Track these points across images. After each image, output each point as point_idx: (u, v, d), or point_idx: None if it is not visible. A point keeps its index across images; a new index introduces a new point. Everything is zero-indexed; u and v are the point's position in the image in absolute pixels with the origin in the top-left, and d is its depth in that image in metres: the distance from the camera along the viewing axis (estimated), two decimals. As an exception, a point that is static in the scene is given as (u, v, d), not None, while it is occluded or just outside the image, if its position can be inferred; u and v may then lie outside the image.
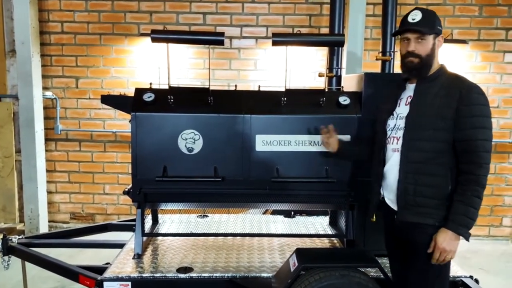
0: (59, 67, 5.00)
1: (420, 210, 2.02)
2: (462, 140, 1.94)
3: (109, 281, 2.55)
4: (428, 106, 2.00)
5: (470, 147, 1.92)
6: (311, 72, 4.84)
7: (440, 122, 1.96)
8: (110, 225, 3.71)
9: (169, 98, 2.76)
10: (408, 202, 2.04)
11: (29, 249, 3.05)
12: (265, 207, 3.52)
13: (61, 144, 5.10)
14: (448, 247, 1.94)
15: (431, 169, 2.00)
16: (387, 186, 2.18)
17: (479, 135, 1.91)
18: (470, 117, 1.92)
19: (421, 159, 2.00)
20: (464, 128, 1.93)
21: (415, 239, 2.06)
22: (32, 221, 4.89)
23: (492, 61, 4.88)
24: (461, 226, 1.93)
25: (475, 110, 1.92)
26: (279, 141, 2.82)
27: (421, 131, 2.01)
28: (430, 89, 2.03)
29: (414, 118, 2.03)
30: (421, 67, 2.05)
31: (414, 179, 2.02)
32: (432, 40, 2.04)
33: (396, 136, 2.11)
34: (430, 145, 1.99)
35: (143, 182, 2.78)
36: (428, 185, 2.00)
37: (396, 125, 2.12)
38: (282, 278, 2.46)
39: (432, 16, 2.06)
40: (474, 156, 1.92)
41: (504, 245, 4.98)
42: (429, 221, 2.01)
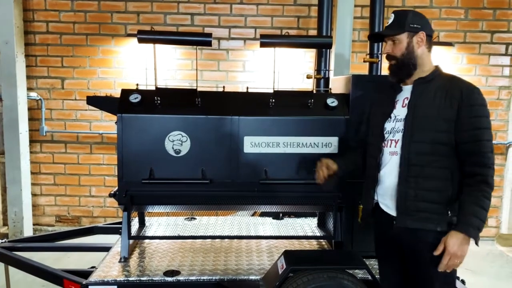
0: (44, 68, 4.92)
1: (421, 215, 1.94)
2: (466, 141, 1.88)
3: (94, 285, 2.51)
4: (428, 107, 1.94)
5: (476, 148, 1.86)
6: (299, 73, 4.85)
7: (442, 123, 1.90)
8: (96, 228, 3.66)
9: (156, 100, 2.73)
10: (408, 207, 1.95)
11: (12, 253, 2.98)
12: (253, 209, 3.50)
13: (46, 145, 5.02)
14: (460, 252, 1.83)
15: (432, 172, 1.93)
16: (382, 190, 2.09)
17: (483, 136, 1.86)
18: (473, 118, 1.87)
19: (422, 162, 1.93)
20: (468, 129, 1.87)
21: (415, 246, 1.98)
22: (16, 224, 4.80)
23: (478, 63, 4.95)
24: (472, 228, 1.82)
25: (477, 110, 1.87)
26: (267, 142, 2.81)
27: (421, 133, 1.94)
28: (428, 89, 1.97)
29: (414, 119, 1.96)
30: (399, 67, 2.03)
31: (415, 183, 1.94)
32: (406, 39, 1.99)
33: (394, 139, 2.04)
34: (432, 147, 1.92)
35: (130, 185, 2.74)
36: (429, 189, 1.93)
37: (394, 128, 2.04)
38: (270, 280, 2.45)
39: (403, 16, 2.01)
40: (480, 157, 1.86)
41: (489, 245, 5.04)
42: (430, 226, 1.92)
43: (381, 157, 2.10)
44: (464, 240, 1.83)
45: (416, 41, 2.01)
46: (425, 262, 1.96)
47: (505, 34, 4.93)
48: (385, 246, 2.21)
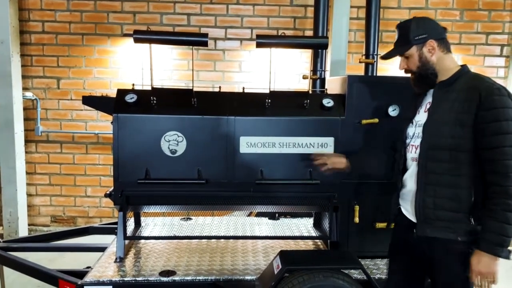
0: (40, 68, 4.90)
1: (440, 224, 1.88)
2: (485, 148, 1.77)
3: (89, 285, 2.51)
4: (446, 113, 1.86)
5: (494, 156, 1.75)
6: (295, 74, 4.86)
7: (459, 129, 1.81)
8: (92, 228, 3.65)
9: (152, 100, 2.72)
10: (427, 215, 1.90)
11: (7, 253, 2.97)
12: (249, 209, 3.51)
13: (41, 145, 5.00)
14: (485, 270, 1.75)
15: (452, 180, 1.85)
16: (404, 195, 2.06)
17: (503, 142, 1.73)
18: (492, 122, 1.74)
19: (441, 170, 1.86)
20: (486, 134, 1.76)
21: (434, 254, 1.92)
22: (11, 224, 4.78)
23: (473, 64, 4.96)
24: (495, 246, 1.74)
25: (497, 114, 1.74)
26: (263, 143, 2.81)
27: (439, 139, 1.86)
28: (449, 93, 1.89)
29: (432, 125, 1.90)
30: (420, 79, 1.99)
31: (433, 191, 1.88)
32: (416, 52, 1.95)
33: (414, 144, 2.00)
34: (450, 154, 1.84)
35: (125, 185, 2.74)
36: (449, 197, 1.85)
37: (415, 133, 2.00)
38: (265, 280, 2.45)
39: (406, 29, 1.97)
40: (499, 166, 1.74)
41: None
42: (450, 236, 1.85)
43: (404, 162, 2.08)
44: (488, 258, 1.75)
45: (427, 51, 1.94)
46: (444, 271, 1.91)
47: (500, 35, 4.96)
48: (402, 250, 2.14)
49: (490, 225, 1.76)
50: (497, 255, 1.74)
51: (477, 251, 1.78)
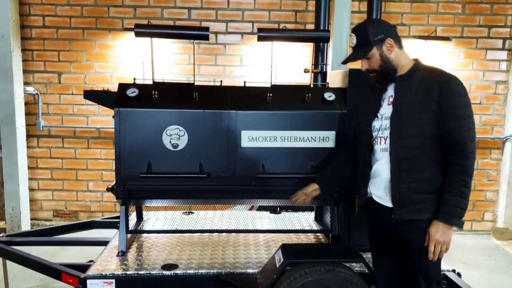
0: (41, 62, 4.90)
1: (415, 207, 2.02)
2: (447, 132, 1.96)
3: (92, 279, 2.52)
4: (411, 103, 2.02)
5: (455, 139, 1.95)
6: (297, 68, 4.85)
7: (424, 117, 1.98)
8: (94, 222, 3.66)
9: (153, 94, 2.72)
10: (403, 200, 2.04)
11: (10, 247, 2.98)
12: (251, 203, 3.51)
13: (43, 140, 5.01)
14: (442, 238, 1.96)
15: (422, 164, 2.01)
16: (376, 184, 2.17)
17: (462, 126, 1.95)
18: (452, 109, 1.95)
19: (411, 156, 2.01)
20: (448, 120, 1.96)
21: (410, 235, 2.06)
22: (14, 219, 4.80)
23: (475, 58, 4.95)
24: (452, 217, 1.96)
25: (455, 102, 1.96)
26: (265, 137, 2.81)
27: (407, 128, 2.02)
28: (410, 86, 2.05)
29: (399, 116, 2.04)
30: (382, 76, 2.10)
31: (406, 176, 2.02)
32: (376, 52, 2.06)
33: (383, 136, 2.12)
34: (418, 141, 2.00)
35: (127, 179, 2.74)
36: (421, 181, 2.02)
37: (382, 126, 2.13)
38: (267, 274, 2.46)
39: (364, 33, 2.08)
40: (459, 147, 1.95)
41: (485, 239, 5.07)
42: (425, 215, 2.02)
43: (372, 155, 2.19)
44: (445, 228, 1.97)
45: (386, 49, 2.07)
46: (418, 249, 2.04)
47: (502, 28, 4.93)
48: (379, 237, 2.29)
49: (448, 198, 1.96)
50: (453, 225, 1.97)
51: (435, 221, 1.98)
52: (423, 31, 4.81)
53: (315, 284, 2.28)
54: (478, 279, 3.73)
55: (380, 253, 2.34)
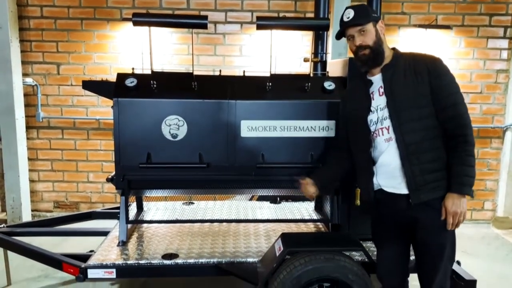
0: (39, 53, 4.87)
1: (430, 186, 2.05)
2: (444, 108, 2.03)
3: (93, 268, 2.53)
4: (403, 88, 2.06)
5: (452, 113, 2.02)
6: (296, 58, 4.81)
7: (420, 99, 2.04)
8: (94, 213, 3.68)
9: (152, 83, 2.71)
10: (418, 183, 2.05)
11: (11, 238, 3.00)
12: (250, 193, 3.52)
13: (43, 132, 5.00)
14: (459, 209, 2.01)
15: (428, 144, 2.05)
16: (385, 175, 2.14)
17: (456, 100, 2.03)
18: (444, 87, 2.03)
19: (417, 139, 2.04)
20: (442, 97, 2.02)
21: (428, 216, 2.08)
22: (15, 210, 4.81)
23: (476, 46, 4.92)
24: (464, 187, 2.01)
25: (445, 79, 2.04)
26: (264, 126, 2.80)
27: (406, 112, 2.05)
28: (397, 73, 2.09)
29: (395, 103, 2.07)
30: (374, 55, 2.11)
31: (417, 159, 2.05)
32: (373, 28, 2.10)
33: (383, 126, 2.12)
34: (420, 123, 2.04)
35: (127, 169, 2.75)
36: (430, 160, 2.05)
37: (380, 117, 2.12)
38: (267, 262, 2.47)
39: (363, 8, 2.14)
40: (458, 120, 2.02)
41: (485, 228, 5.08)
42: (439, 193, 2.06)
43: (375, 148, 2.17)
44: (459, 198, 2.02)
45: (380, 29, 2.13)
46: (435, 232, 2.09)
47: (503, 16, 4.89)
48: (386, 228, 2.27)
49: (458, 169, 2.02)
50: (466, 194, 2.02)
51: (449, 194, 2.03)
52: (423, 20, 4.77)
53: (315, 273, 2.29)
54: (478, 268, 3.74)
55: (385, 244, 2.33)
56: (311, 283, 2.36)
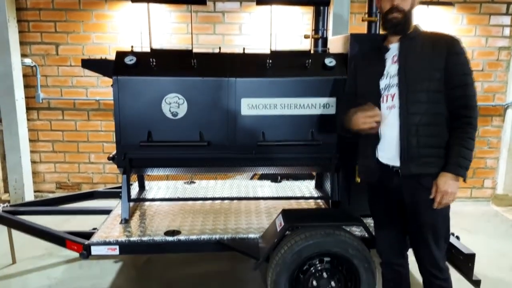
0: (37, 33, 4.83)
1: (423, 161, 2.05)
2: (454, 86, 2.02)
3: (96, 246, 2.56)
4: (419, 59, 2.06)
5: (462, 92, 2.01)
6: (297, 36, 4.77)
7: (434, 72, 2.02)
8: (96, 192, 3.71)
9: (151, 61, 2.69)
10: (412, 154, 2.05)
11: (15, 216, 3.02)
12: (251, 171, 3.53)
13: (43, 113, 4.99)
14: (450, 189, 2.01)
15: (431, 119, 2.04)
16: (384, 145, 2.15)
17: (468, 81, 2.03)
18: (459, 65, 2.02)
19: (421, 111, 2.04)
20: (456, 75, 2.01)
21: (417, 191, 2.09)
22: (17, 191, 4.84)
23: (478, 23, 4.86)
24: (460, 168, 2.01)
25: (462, 59, 2.03)
26: (265, 104, 2.79)
27: (416, 83, 2.04)
28: (414, 44, 2.09)
29: (408, 71, 2.06)
30: (404, 22, 2.10)
31: (416, 130, 2.04)
32: None
33: (389, 93, 2.11)
34: (427, 95, 2.03)
35: (128, 147, 2.75)
36: (430, 135, 2.04)
37: (389, 84, 2.12)
38: (268, 238, 2.50)
39: None
40: (467, 100, 2.02)
41: (485, 206, 5.12)
42: (431, 170, 2.05)
43: None
44: (453, 179, 2.02)
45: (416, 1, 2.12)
46: (426, 205, 2.08)
47: (506, -7, 4.83)
48: (382, 203, 2.29)
49: (457, 150, 2.01)
50: (460, 176, 2.02)
51: (443, 173, 2.03)
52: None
53: (316, 247, 2.32)
54: (477, 244, 3.77)
55: (382, 220, 2.35)
56: (311, 258, 2.40)
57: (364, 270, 2.39)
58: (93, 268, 3.33)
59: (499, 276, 3.30)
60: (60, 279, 3.18)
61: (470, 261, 2.48)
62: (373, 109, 2.10)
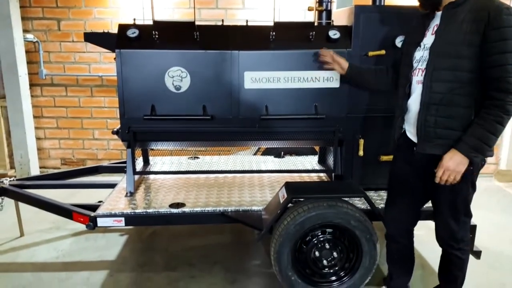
0: (39, 8, 4.78)
1: (440, 142, 1.97)
2: (491, 66, 1.82)
3: (102, 217, 2.60)
4: (454, 33, 1.89)
5: (499, 73, 1.80)
6: (300, 10, 4.70)
7: (466, 49, 1.85)
8: (101, 167, 3.74)
9: (154, 34, 2.67)
10: (428, 133, 1.99)
11: (22, 190, 3.07)
12: (254, 145, 3.54)
13: (46, 89, 4.99)
14: (452, 166, 1.90)
15: (455, 99, 1.91)
16: (409, 119, 2.14)
17: (508, 60, 1.78)
18: (499, 41, 1.78)
19: (445, 90, 1.92)
20: (494, 53, 1.80)
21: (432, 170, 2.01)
22: (23, 166, 4.89)
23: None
24: (472, 150, 1.87)
25: (504, 33, 1.78)
26: (268, 78, 2.78)
27: (445, 60, 1.91)
28: (457, 14, 1.90)
29: (439, 47, 1.94)
30: None
31: (436, 110, 1.95)
32: None
33: (421, 67, 2.03)
34: (454, 74, 1.90)
35: (132, 121, 2.76)
36: (451, 116, 1.93)
37: (423, 57, 2.02)
38: (271, 210, 2.53)
39: None
40: (502, 82, 1.80)
41: (488, 182, 5.13)
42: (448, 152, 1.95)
43: (409, 87, 2.12)
44: (459, 157, 1.90)
45: None
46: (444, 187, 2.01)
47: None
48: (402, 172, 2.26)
49: (476, 130, 1.86)
50: (469, 158, 1.88)
51: (453, 149, 1.91)
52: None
53: (318, 219, 2.35)
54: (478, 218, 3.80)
55: (396, 191, 2.35)
56: (314, 229, 2.43)
57: (366, 241, 2.42)
58: (99, 241, 3.40)
59: (500, 248, 3.34)
60: (67, 250, 3.25)
61: (471, 232, 2.50)
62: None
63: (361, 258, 2.46)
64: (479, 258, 2.65)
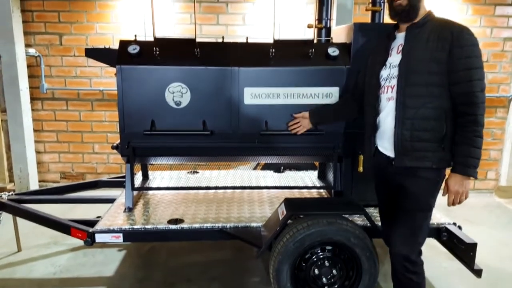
0: (41, 23, 4.83)
1: (417, 155, 2.04)
2: (457, 82, 1.95)
3: (100, 233, 2.59)
4: (421, 51, 2.00)
5: (466, 88, 1.93)
6: (300, 26, 4.74)
7: (435, 66, 1.96)
8: (101, 182, 3.73)
9: (155, 50, 2.70)
10: (405, 147, 2.06)
11: (20, 205, 3.05)
12: (254, 160, 3.54)
13: (47, 103, 5.02)
14: (461, 189, 2.02)
15: (427, 113, 2.00)
16: (381, 134, 2.19)
17: (474, 76, 1.93)
18: (464, 59, 1.92)
19: (417, 104, 2.01)
20: (459, 69, 1.93)
21: (411, 183, 2.09)
22: (22, 180, 4.88)
23: (483, 14, 4.82)
24: (468, 168, 1.98)
25: (467, 51, 1.93)
26: (268, 94, 2.80)
27: (415, 76, 2.00)
28: (421, 34, 2.03)
29: (408, 64, 2.03)
30: (409, 9, 2.05)
31: (410, 124, 2.03)
32: None
33: (390, 85, 2.11)
34: (426, 89, 1.99)
35: (131, 136, 2.77)
36: (424, 129, 2.02)
37: (390, 74, 2.12)
38: (271, 226, 2.51)
39: None
40: (471, 97, 1.93)
41: (488, 198, 5.12)
42: (426, 164, 2.04)
43: (378, 104, 2.19)
44: (463, 179, 2.02)
45: None
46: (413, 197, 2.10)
47: (512, -18, 4.78)
48: (384, 191, 2.32)
49: (464, 149, 1.98)
50: (470, 176, 2.01)
51: (452, 173, 2.03)
52: (430, -13, 4.67)
53: (318, 236, 2.33)
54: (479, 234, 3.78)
55: (384, 208, 2.37)
56: (313, 247, 2.41)
57: (366, 259, 2.40)
58: (97, 256, 3.37)
59: (501, 266, 3.31)
60: (65, 266, 3.22)
61: (472, 250, 2.49)
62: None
63: (361, 275, 2.44)
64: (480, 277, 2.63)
